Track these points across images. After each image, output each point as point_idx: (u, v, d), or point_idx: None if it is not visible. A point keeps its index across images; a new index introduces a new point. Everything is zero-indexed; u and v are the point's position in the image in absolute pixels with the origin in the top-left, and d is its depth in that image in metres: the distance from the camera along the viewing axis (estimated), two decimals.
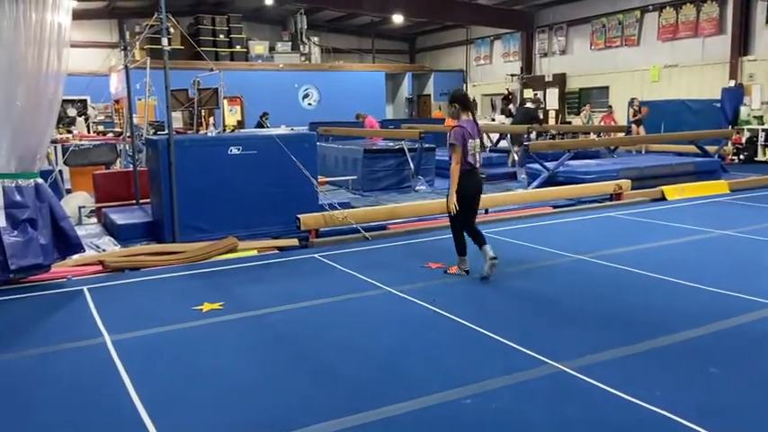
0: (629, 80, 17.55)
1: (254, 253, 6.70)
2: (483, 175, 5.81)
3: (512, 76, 21.19)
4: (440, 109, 22.64)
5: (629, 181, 9.61)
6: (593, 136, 15.79)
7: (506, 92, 20.78)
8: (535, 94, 19.86)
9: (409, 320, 4.53)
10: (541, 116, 16.74)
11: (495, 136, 15.74)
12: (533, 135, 13.15)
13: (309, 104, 21.15)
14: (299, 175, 7.27)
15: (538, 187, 10.00)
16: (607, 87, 18.50)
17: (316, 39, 22.38)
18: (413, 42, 26.62)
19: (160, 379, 3.60)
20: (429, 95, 23.46)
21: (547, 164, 10.50)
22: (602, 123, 16.46)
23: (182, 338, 4.26)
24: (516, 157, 13.17)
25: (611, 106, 17.37)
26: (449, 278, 5.56)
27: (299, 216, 7.08)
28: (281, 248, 6.91)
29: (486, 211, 8.47)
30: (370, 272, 5.74)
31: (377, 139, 13.56)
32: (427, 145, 11.55)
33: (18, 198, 5.31)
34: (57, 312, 4.88)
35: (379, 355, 3.88)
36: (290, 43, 21.80)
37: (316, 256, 6.52)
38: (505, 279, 5.52)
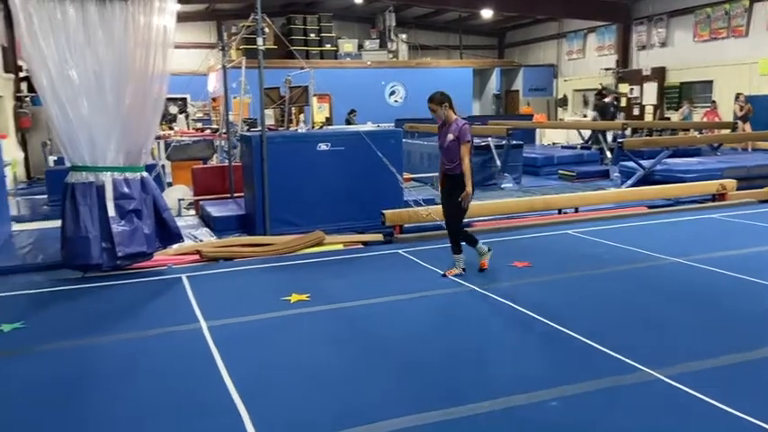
0: (736, 74, 16.34)
1: (340, 247, 6.82)
2: None
3: (606, 70, 20.32)
4: (528, 105, 22.11)
5: (735, 181, 8.97)
6: (693, 133, 14.89)
7: (600, 87, 19.96)
8: (604, 86, 18.83)
9: (494, 319, 4.47)
10: (614, 110, 15.94)
11: (585, 133, 15.21)
12: (628, 131, 12.59)
13: (396, 101, 21.27)
14: (384, 170, 7.32)
15: (632, 186, 9.55)
16: (711, 81, 17.33)
17: (403, 36, 22.47)
18: (502, 37, 26.12)
19: (251, 365, 3.75)
20: (517, 91, 22.97)
21: (643, 162, 10.01)
22: (705, 120, 15.47)
23: (271, 327, 4.42)
24: (609, 155, 12.65)
25: (714, 101, 16.28)
26: (535, 277, 5.43)
27: (383, 212, 7.14)
28: (365, 243, 7.00)
29: (576, 210, 8.20)
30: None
31: None
32: (515, 142, 11.30)
33: (126, 190, 5.68)
34: (158, 298, 5.19)
35: (464, 353, 3.85)
36: (378, 41, 22.01)
37: (399, 251, 6.55)
38: (596, 281, 5.31)
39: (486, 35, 25.83)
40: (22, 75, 14.10)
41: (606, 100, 15.51)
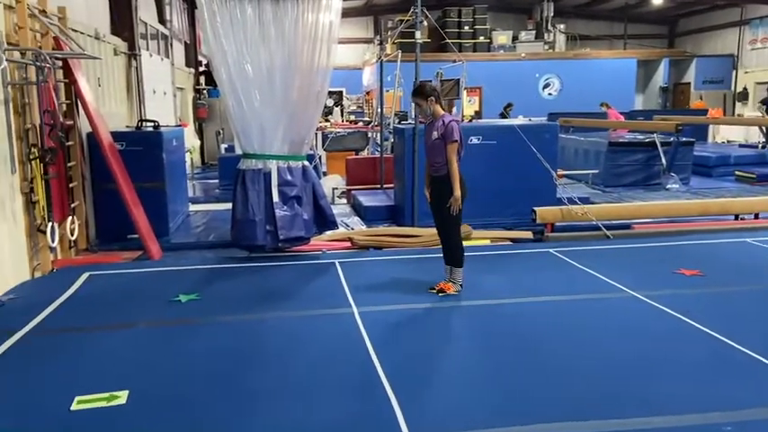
0: None
1: (487, 243, 6.73)
2: None
3: None
4: (701, 98, 20.16)
5: None
6: None
7: None
8: None
9: (657, 329, 4.13)
10: None
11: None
12: None
13: (549, 94, 20.48)
14: (536, 166, 7.09)
15: None
16: None
17: (561, 26, 21.52)
18: (673, 25, 24.01)
19: (399, 351, 3.82)
20: (688, 84, 21.01)
21: None
22: None
23: (419, 318, 4.47)
24: None
25: None
26: (706, 288, 4.93)
27: (535, 209, 6.91)
28: (514, 240, 6.84)
29: (757, 216, 7.33)
30: (611, 273, 5.36)
31: (622, 131, 12.60)
32: (685, 139, 10.36)
33: (289, 177, 6.04)
34: (315, 280, 5.47)
35: (623, 363, 3.61)
36: (533, 32, 21.30)
37: (551, 250, 6.30)
38: None
39: (655, 23, 23.91)
40: (200, 69, 15.56)
41: None
